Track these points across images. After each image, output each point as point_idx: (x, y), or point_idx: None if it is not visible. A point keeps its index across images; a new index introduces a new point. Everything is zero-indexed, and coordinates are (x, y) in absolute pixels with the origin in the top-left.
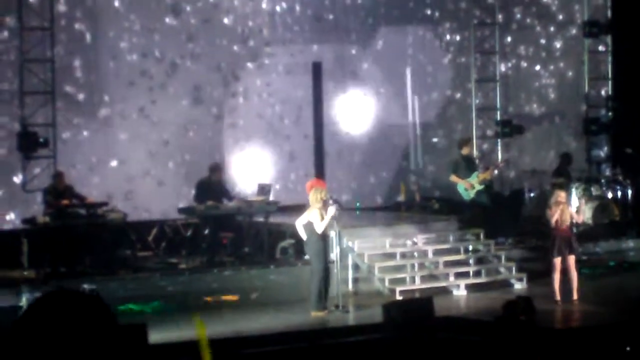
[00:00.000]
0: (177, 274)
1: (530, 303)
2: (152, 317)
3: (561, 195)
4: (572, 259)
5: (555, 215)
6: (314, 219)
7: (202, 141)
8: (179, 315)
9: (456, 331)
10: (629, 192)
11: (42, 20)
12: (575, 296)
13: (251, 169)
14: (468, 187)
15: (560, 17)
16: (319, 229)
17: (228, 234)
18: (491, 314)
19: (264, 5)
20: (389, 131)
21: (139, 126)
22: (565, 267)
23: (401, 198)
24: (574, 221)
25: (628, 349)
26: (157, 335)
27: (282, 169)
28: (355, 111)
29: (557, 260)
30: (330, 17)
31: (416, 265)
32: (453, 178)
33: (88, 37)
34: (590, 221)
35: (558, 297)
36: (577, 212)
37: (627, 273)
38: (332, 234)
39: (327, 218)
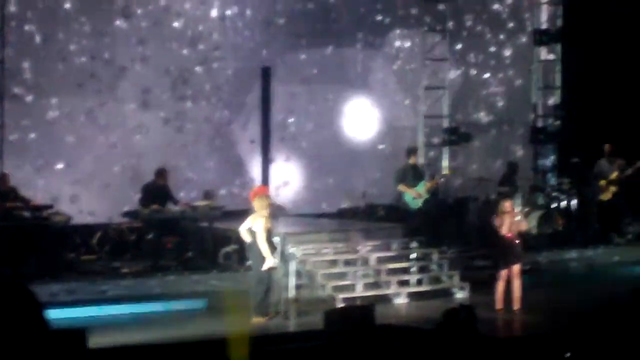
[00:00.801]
0: (120, 278)
1: (472, 311)
2: (95, 321)
3: (507, 204)
4: (516, 268)
5: (502, 225)
6: (257, 227)
7: (149, 145)
8: (122, 320)
9: (396, 339)
10: (574, 202)
11: None
12: (516, 306)
13: (197, 173)
14: (416, 196)
15: (511, 25)
16: (262, 245)
17: (172, 239)
18: (432, 323)
19: (214, 10)
20: (335, 137)
21: (86, 129)
22: (510, 276)
23: (346, 205)
24: (520, 230)
25: (568, 355)
26: (98, 340)
27: (228, 174)
28: (303, 117)
29: (505, 271)
30: (281, 22)
31: (359, 272)
32: (401, 187)
33: (38, 38)
34: (534, 230)
35: (500, 306)
36: (522, 220)
37: (569, 282)
38: (276, 239)
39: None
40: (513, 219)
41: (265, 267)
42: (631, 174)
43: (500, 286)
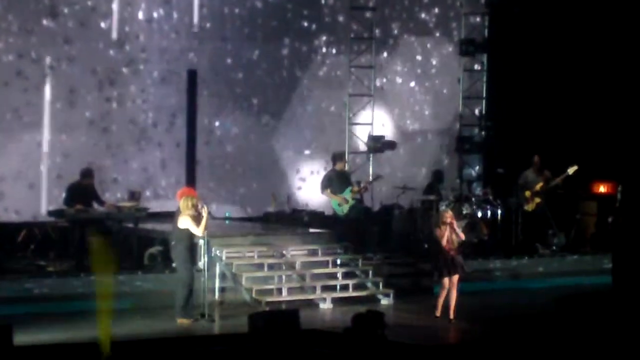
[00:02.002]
0: (45, 277)
1: (381, 317)
2: (19, 319)
3: (448, 215)
4: (456, 279)
5: (442, 236)
6: (188, 224)
7: (75, 145)
8: (46, 318)
9: (320, 344)
10: (499, 212)
11: None
12: (452, 315)
13: (122, 174)
14: (342, 202)
15: (437, 34)
16: (199, 232)
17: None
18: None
19: (141, 11)
20: (261, 142)
21: (12, 127)
22: (449, 286)
23: (271, 209)
24: (460, 241)
25: None
26: (23, 337)
27: (153, 176)
28: (228, 121)
29: (446, 280)
30: (208, 25)
31: (284, 276)
32: (326, 193)
33: None
34: None
35: (438, 314)
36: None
37: (494, 292)
38: (201, 242)
39: (204, 220)
40: (453, 230)
41: (200, 230)
42: (556, 185)
43: (442, 295)
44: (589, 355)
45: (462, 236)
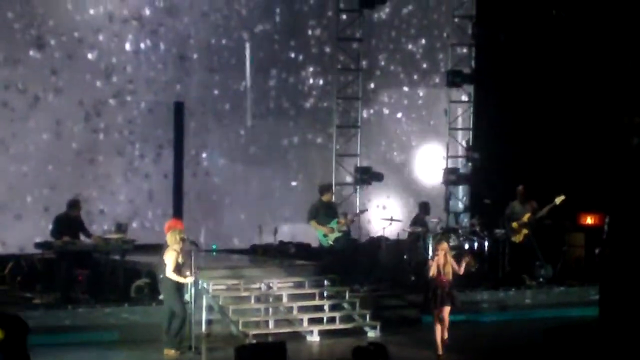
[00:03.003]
0: (31, 309)
1: (384, 350)
2: None
3: (443, 246)
4: (446, 310)
5: (435, 267)
6: (168, 260)
7: (62, 176)
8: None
9: None
10: (486, 243)
11: None
12: (445, 335)
13: (109, 206)
14: (328, 232)
15: (424, 65)
16: (169, 274)
17: (84, 271)
18: None
19: (128, 43)
20: (248, 173)
21: None
22: (440, 318)
23: (258, 241)
24: (454, 273)
25: None
26: None
27: (140, 208)
28: (216, 152)
29: (436, 312)
30: (195, 56)
31: (270, 309)
32: (312, 224)
33: None
34: None
35: (440, 352)
36: (458, 263)
37: (481, 324)
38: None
39: (186, 279)
40: (447, 262)
41: (188, 280)
42: (543, 216)
43: (438, 329)
44: None
45: (457, 268)
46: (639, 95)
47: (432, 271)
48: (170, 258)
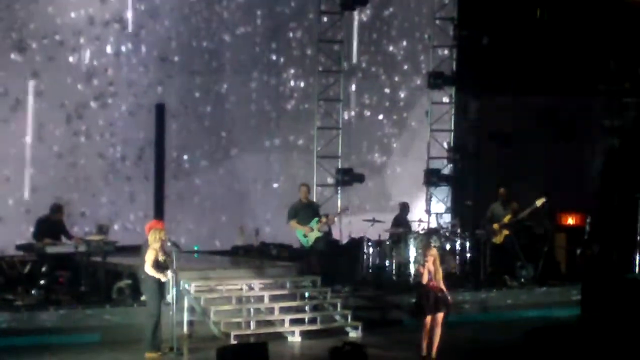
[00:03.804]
0: (13, 311)
1: (361, 349)
2: None
3: (432, 252)
4: (440, 316)
5: (425, 273)
6: (147, 259)
7: (43, 179)
8: (15, 351)
9: None
10: (467, 244)
11: None
12: (434, 354)
13: (90, 208)
14: (308, 232)
15: (406, 67)
16: (148, 270)
17: (65, 273)
18: None
19: (109, 45)
20: (229, 175)
21: None
22: (432, 324)
23: (239, 242)
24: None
25: None
26: None
27: (121, 210)
28: (197, 154)
29: (429, 318)
30: (176, 59)
31: (252, 310)
32: (292, 224)
33: None
34: None
35: (424, 354)
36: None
37: (463, 324)
38: (169, 276)
39: (164, 276)
40: (437, 268)
41: (163, 278)
42: (524, 217)
43: (425, 333)
44: None
45: (439, 275)
46: (619, 98)
47: (425, 278)
48: (149, 256)
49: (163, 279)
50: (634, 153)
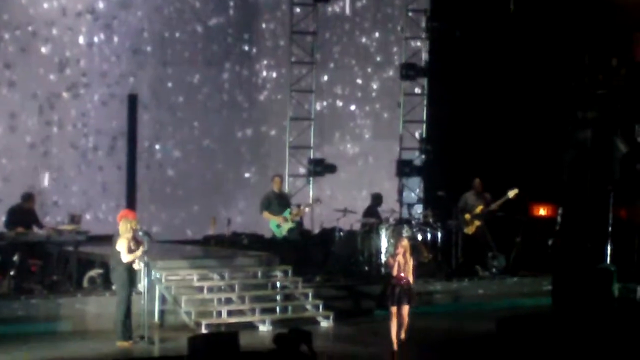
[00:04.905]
0: None
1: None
2: None
3: (403, 244)
4: (406, 309)
5: (393, 264)
6: (121, 248)
7: (16, 169)
8: None
9: None
10: (439, 234)
11: None
12: (403, 335)
13: (63, 197)
14: (281, 222)
15: (378, 58)
16: (125, 259)
17: (37, 262)
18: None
19: (81, 36)
20: (202, 165)
21: None
22: (399, 315)
23: (211, 232)
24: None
25: None
26: None
27: (94, 199)
28: (169, 144)
29: (394, 309)
30: (148, 49)
31: (223, 299)
32: (265, 214)
33: None
34: None
35: (395, 347)
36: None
37: (435, 314)
38: (141, 265)
39: (138, 252)
40: (407, 260)
41: (129, 258)
42: (496, 209)
43: (393, 325)
44: None
45: (411, 270)
46: (591, 91)
47: (395, 270)
48: (122, 245)
49: (136, 267)
50: (606, 145)
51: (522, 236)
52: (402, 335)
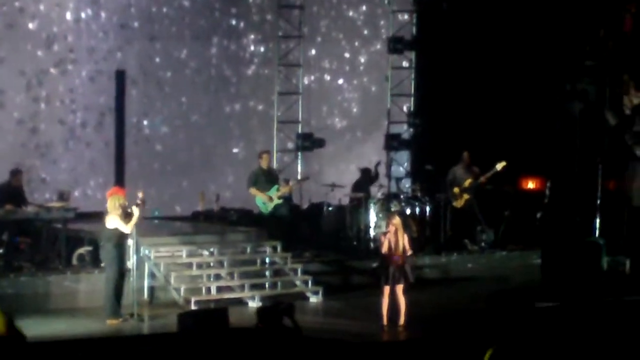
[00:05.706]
0: None
1: (290, 308)
2: None
3: (395, 221)
4: (400, 288)
5: (385, 242)
6: (116, 223)
7: (3, 145)
8: None
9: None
10: (428, 208)
11: None
12: (401, 321)
13: (51, 174)
14: (267, 200)
15: (366, 32)
16: (127, 230)
17: (26, 239)
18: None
19: (69, 12)
20: (190, 140)
21: None
22: (394, 293)
23: (200, 208)
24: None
25: None
26: None
27: (82, 176)
28: (157, 120)
29: (387, 288)
30: (136, 24)
31: (212, 275)
32: (252, 191)
33: None
34: None
35: (385, 322)
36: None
37: (424, 288)
38: (130, 241)
39: (134, 219)
40: (399, 237)
41: (129, 228)
42: (484, 181)
43: (385, 302)
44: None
45: (407, 246)
46: (580, 63)
47: (385, 248)
48: (113, 221)
49: (125, 229)
50: (595, 117)
51: (510, 210)
52: (403, 312)
